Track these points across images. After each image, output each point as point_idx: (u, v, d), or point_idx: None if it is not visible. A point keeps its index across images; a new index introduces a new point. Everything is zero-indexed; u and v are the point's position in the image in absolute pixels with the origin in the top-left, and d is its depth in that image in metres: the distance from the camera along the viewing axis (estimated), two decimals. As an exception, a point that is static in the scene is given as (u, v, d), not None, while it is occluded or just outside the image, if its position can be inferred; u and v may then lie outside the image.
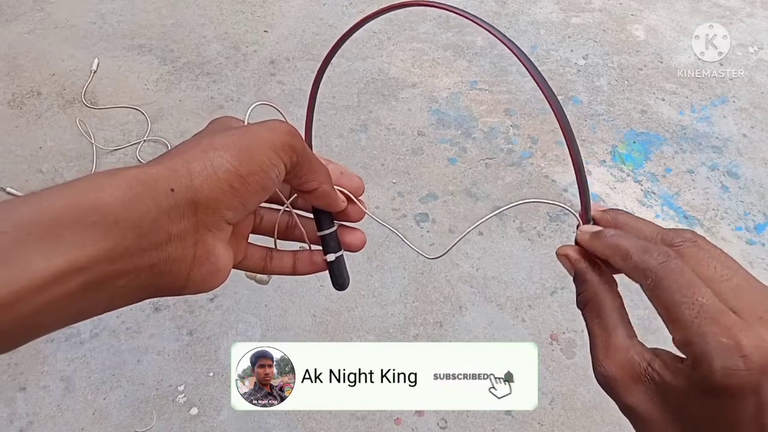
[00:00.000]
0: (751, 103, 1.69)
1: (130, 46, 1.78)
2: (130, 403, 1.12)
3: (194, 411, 1.12)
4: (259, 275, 0.39)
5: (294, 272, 0.38)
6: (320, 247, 0.37)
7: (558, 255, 0.33)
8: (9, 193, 1.40)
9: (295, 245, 0.38)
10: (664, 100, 1.69)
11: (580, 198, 0.33)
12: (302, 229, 0.38)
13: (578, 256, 0.32)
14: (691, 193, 1.49)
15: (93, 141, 1.52)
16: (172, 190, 0.26)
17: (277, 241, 0.38)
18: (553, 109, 0.30)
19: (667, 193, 1.48)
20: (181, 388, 1.14)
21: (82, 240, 0.24)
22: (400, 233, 0.38)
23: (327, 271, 0.38)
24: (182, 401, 1.13)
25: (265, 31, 1.85)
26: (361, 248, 0.38)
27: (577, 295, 0.32)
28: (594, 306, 0.30)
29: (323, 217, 0.37)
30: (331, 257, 0.37)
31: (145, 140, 1.54)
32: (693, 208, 1.46)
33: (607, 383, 0.29)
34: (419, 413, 1.12)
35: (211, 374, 1.16)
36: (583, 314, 0.31)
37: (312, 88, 0.38)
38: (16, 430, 1.09)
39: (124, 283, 0.26)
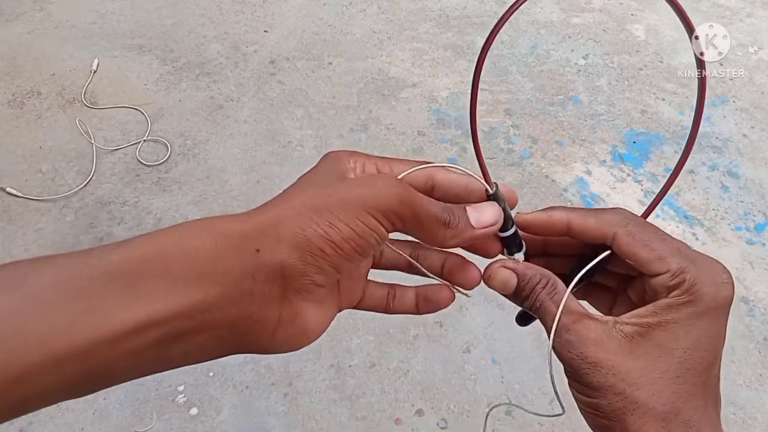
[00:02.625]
0: (751, 103, 1.69)
1: (130, 46, 1.78)
2: (130, 403, 1.12)
3: (194, 411, 1.12)
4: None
5: (417, 311, 0.35)
6: (445, 281, 0.34)
7: (493, 274, 0.33)
8: (9, 193, 1.40)
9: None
10: (664, 100, 1.69)
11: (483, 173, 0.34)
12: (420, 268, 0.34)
13: (514, 264, 0.33)
14: (691, 193, 1.49)
15: (93, 141, 1.52)
16: (258, 250, 0.25)
17: (403, 275, 0.34)
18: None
19: (668, 193, 1.48)
20: (180, 388, 1.14)
21: (164, 293, 0.24)
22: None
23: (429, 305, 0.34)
24: (182, 401, 1.13)
25: (265, 31, 1.85)
26: (473, 287, 0.34)
27: (532, 298, 0.32)
28: (556, 298, 0.31)
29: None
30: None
31: (145, 140, 1.54)
32: (693, 208, 1.46)
33: (588, 361, 0.29)
34: (419, 413, 1.12)
35: (211, 374, 1.16)
36: (539, 310, 0.32)
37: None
38: (16, 430, 1.09)
39: (201, 340, 0.25)
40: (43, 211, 1.39)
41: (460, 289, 0.34)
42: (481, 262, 0.35)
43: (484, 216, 0.31)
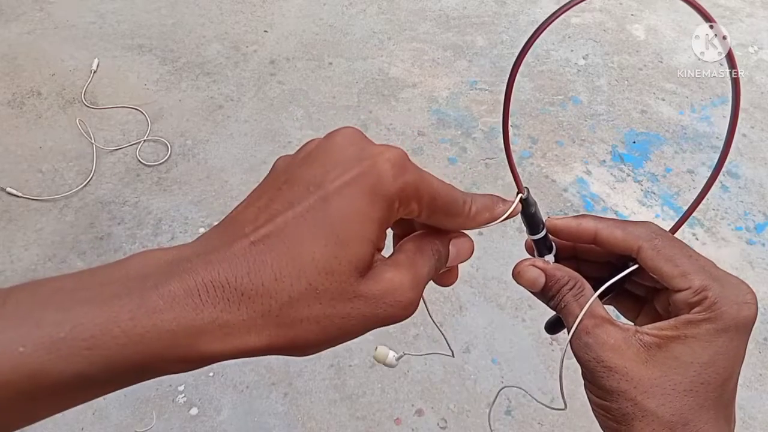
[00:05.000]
0: (751, 103, 1.69)
1: (130, 46, 1.78)
2: (130, 403, 1.12)
3: (194, 411, 1.12)
4: (388, 359, 0.36)
5: None
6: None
7: (522, 271, 0.33)
8: (9, 193, 1.40)
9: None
10: (664, 100, 1.69)
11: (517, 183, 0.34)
12: None
13: (544, 264, 0.34)
14: (691, 193, 1.49)
15: (93, 141, 1.52)
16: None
17: None
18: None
19: (667, 193, 1.48)
20: (181, 388, 1.14)
21: (128, 383, 0.23)
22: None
23: None
24: (182, 401, 1.13)
25: (265, 31, 1.85)
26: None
27: (558, 298, 0.33)
28: (581, 300, 0.32)
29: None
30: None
31: (145, 140, 1.54)
32: (693, 208, 1.46)
33: (604, 365, 0.30)
34: (419, 413, 1.12)
35: (211, 374, 1.16)
36: (563, 310, 0.32)
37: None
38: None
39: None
40: (44, 211, 1.40)
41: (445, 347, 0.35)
42: (502, 255, 0.35)
43: (459, 259, 0.30)
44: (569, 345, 0.31)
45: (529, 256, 0.35)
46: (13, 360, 0.20)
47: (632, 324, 0.31)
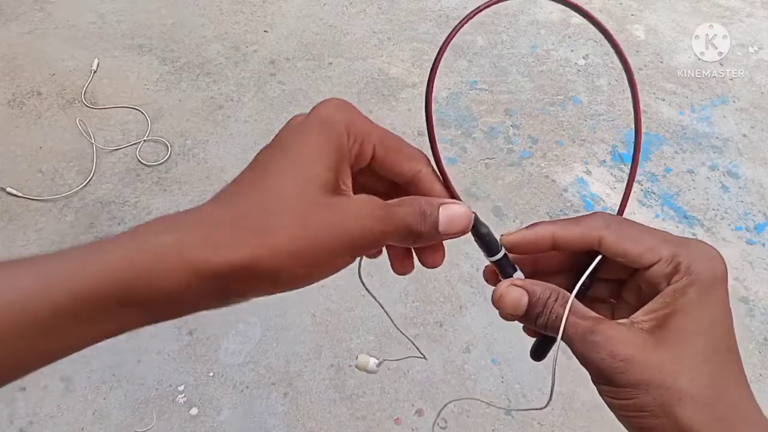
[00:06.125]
0: (751, 103, 1.69)
1: (130, 46, 1.78)
2: (130, 403, 1.12)
3: (194, 411, 1.12)
4: (369, 365, 0.38)
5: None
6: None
7: (505, 293, 0.33)
8: (9, 193, 1.40)
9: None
10: (664, 100, 1.69)
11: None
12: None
13: (522, 282, 0.33)
14: (691, 193, 1.49)
15: (93, 141, 1.52)
16: (227, 292, 0.26)
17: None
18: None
19: (667, 193, 1.48)
20: (181, 388, 1.14)
21: (121, 322, 0.26)
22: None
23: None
24: (182, 401, 1.13)
25: (265, 31, 1.85)
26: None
27: (546, 313, 0.32)
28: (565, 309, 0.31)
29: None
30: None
31: (145, 140, 1.54)
32: (693, 208, 1.46)
33: (620, 359, 0.29)
34: (419, 413, 1.12)
35: (211, 374, 1.16)
36: (556, 322, 0.31)
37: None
38: (16, 430, 1.09)
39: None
40: (43, 211, 1.40)
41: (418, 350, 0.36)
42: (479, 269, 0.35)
43: (453, 227, 0.31)
44: (572, 353, 0.31)
45: (502, 280, 0.33)
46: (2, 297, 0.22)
47: (623, 319, 0.30)
